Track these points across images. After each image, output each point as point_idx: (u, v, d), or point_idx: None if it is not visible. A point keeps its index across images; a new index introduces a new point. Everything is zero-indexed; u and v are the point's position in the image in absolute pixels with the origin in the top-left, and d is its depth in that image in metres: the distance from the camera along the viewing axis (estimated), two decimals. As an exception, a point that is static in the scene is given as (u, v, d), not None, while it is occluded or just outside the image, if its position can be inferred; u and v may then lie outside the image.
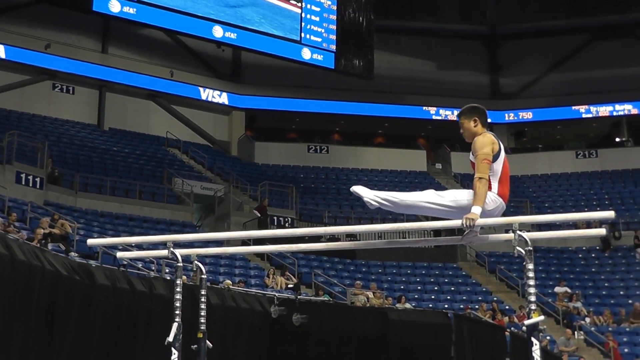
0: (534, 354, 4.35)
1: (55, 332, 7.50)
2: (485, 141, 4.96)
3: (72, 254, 13.57)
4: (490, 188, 4.94)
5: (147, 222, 19.90)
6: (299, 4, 25.00)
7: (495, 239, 5.19)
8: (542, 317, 4.43)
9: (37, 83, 25.30)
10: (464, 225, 4.67)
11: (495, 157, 4.97)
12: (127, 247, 14.20)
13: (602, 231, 5.03)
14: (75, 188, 19.95)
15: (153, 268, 14.99)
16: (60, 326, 7.55)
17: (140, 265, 15.05)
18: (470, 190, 4.89)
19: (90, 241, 5.79)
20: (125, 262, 14.20)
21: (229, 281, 15.58)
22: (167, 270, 14.33)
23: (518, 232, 4.53)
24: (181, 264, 5.25)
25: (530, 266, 4.48)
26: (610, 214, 4.58)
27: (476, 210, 4.70)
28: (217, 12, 23.43)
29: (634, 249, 22.85)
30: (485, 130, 5.10)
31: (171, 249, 5.22)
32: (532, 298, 4.46)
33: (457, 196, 4.96)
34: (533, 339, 4.37)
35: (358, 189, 5.07)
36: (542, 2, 30.82)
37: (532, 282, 4.46)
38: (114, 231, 18.01)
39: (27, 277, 7.23)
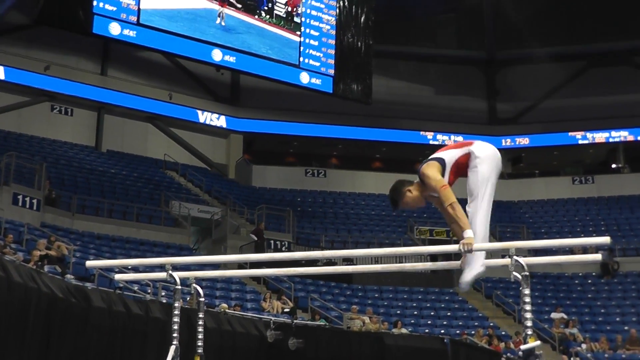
0: (530, 380, 4.35)
1: (50, 354, 7.49)
2: (431, 173, 4.94)
3: (68, 276, 13.56)
4: (469, 157, 4.96)
5: (144, 245, 19.87)
6: (298, 32, 25.08)
7: (491, 264, 5.19)
8: (538, 342, 4.43)
9: (36, 104, 25.38)
10: (462, 250, 4.69)
11: (443, 166, 4.99)
12: (123, 270, 14.16)
13: (598, 257, 5.05)
14: (73, 210, 19.94)
15: (149, 291, 14.95)
16: (55, 348, 7.53)
17: (137, 288, 15.01)
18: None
19: (89, 263, 5.81)
20: (122, 285, 14.17)
21: (225, 305, 15.55)
22: (163, 294, 14.29)
23: (514, 257, 4.54)
24: (179, 287, 5.26)
25: (527, 291, 4.49)
26: (605, 239, 4.60)
27: (468, 234, 4.71)
28: (216, 37, 23.53)
29: None
30: (417, 182, 5.05)
31: (170, 272, 5.23)
32: (529, 323, 4.46)
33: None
34: (529, 365, 4.38)
35: (468, 279, 4.92)
36: (540, 28, 30.99)
37: (528, 307, 4.47)
38: (111, 254, 17.96)
39: (23, 299, 7.22)
